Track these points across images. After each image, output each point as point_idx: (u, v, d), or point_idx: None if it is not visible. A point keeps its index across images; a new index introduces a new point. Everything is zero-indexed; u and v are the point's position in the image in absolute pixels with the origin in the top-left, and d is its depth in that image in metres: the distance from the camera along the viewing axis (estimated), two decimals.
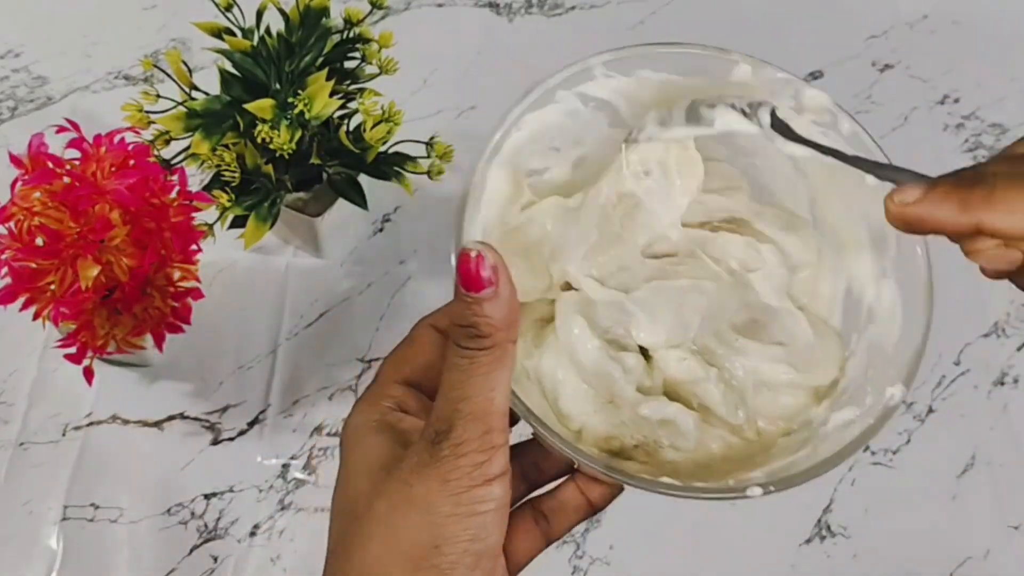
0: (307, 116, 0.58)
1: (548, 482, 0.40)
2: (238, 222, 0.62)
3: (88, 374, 0.62)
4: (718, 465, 0.40)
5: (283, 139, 0.58)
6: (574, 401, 0.40)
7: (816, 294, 0.44)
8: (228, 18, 0.62)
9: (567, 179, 0.45)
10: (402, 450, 0.33)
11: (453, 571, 0.30)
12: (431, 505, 0.30)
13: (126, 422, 0.69)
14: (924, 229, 0.35)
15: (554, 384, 0.40)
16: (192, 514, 0.66)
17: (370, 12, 0.63)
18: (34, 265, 0.57)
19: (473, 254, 0.31)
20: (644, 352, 0.42)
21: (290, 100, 0.58)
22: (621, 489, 0.39)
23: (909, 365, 0.38)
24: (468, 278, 0.31)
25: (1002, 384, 0.71)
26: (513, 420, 0.37)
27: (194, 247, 0.63)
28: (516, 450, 0.40)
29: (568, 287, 0.42)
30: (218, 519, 0.66)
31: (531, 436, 0.38)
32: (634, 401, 0.39)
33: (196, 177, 0.68)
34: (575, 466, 0.39)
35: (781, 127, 0.39)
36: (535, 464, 0.40)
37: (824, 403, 0.41)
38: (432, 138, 0.65)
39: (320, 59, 0.62)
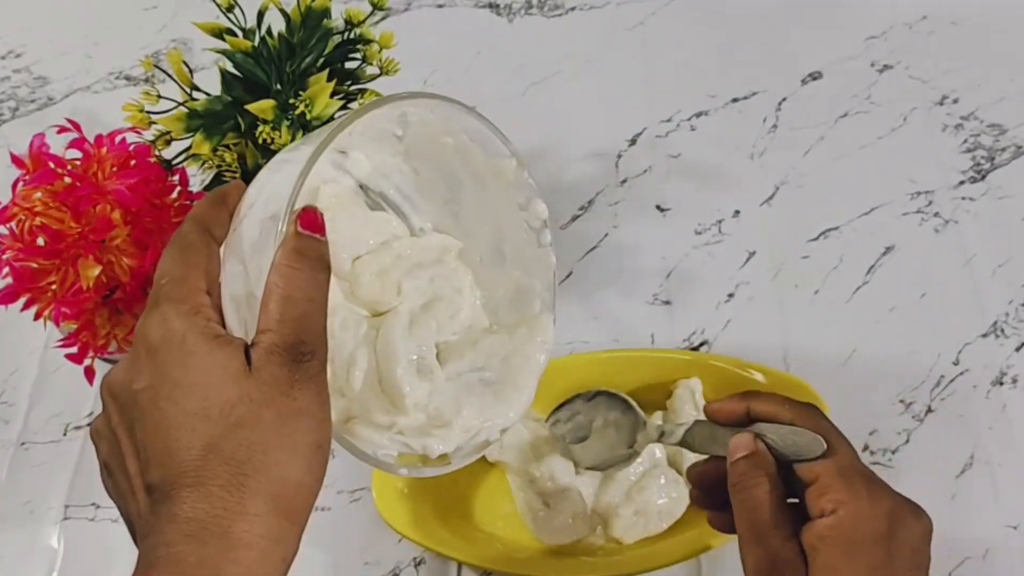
0: (308, 117, 0.58)
1: None
2: None
3: (89, 374, 0.62)
4: None
5: (284, 140, 0.58)
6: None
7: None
8: (229, 18, 0.62)
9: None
10: (244, 359, 0.37)
11: (328, 461, 0.38)
12: (313, 413, 0.37)
13: None
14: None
15: None
16: None
17: (371, 13, 0.63)
18: (35, 265, 0.58)
19: (320, 216, 0.40)
20: None
21: (291, 101, 0.59)
22: None
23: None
24: (316, 224, 0.40)
25: (1001, 384, 0.72)
26: None
27: None
28: None
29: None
30: None
31: None
32: None
33: (197, 177, 0.68)
34: None
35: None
36: None
37: None
38: None
39: (321, 60, 0.62)
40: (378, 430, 0.45)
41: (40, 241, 0.57)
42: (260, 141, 0.58)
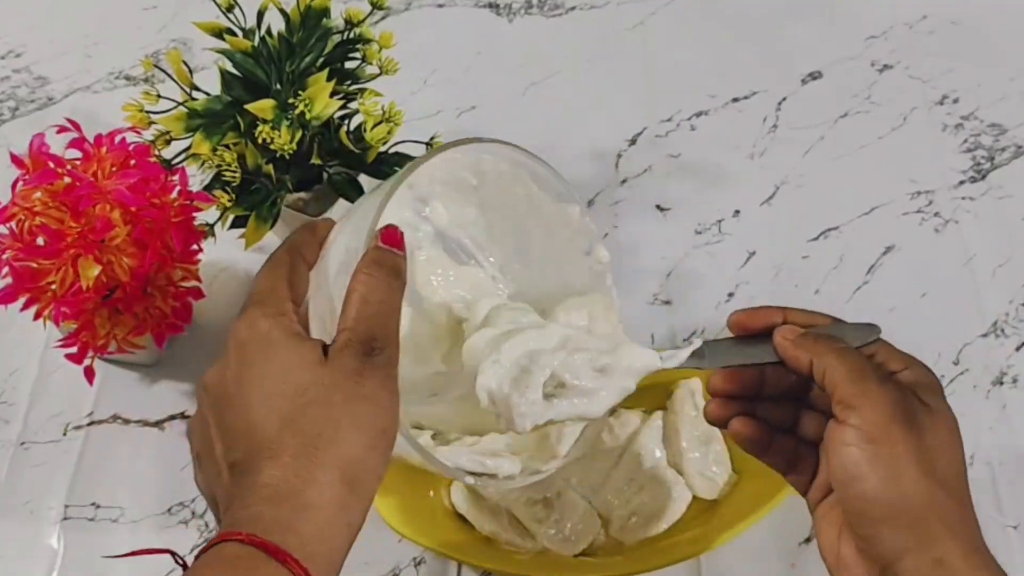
0: (308, 116, 0.58)
1: None
2: (239, 222, 0.62)
3: (89, 374, 0.62)
4: None
5: (284, 139, 0.58)
6: None
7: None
8: (229, 18, 0.62)
9: None
10: (321, 353, 0.42)
11: (392, 444, 0.42)
12: (378, 400, 0.41)
13: (127, 422, 0.69)
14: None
15: None
16: (193, 513, 0.66)
17: (370, 12, 0.63)
18: (35, 265, 0.58)
19: (400, 233, 0.44)
20: None
21: (291, 100, 0.59)
22: None
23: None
24: (395, 240, 0.44)
25: (1001, 384, 0.72)
26: None
27: (195, 247, 0.63)
28: None
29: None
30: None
31: None
32: None
33: (197, 177, 0.68)
34: None
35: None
36: None
37: None
38: (432, 138, 0.65)
39: (321, 59, 0.62)
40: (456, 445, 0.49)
41: (40, 241, 0.57)
42: (260, 141, 0.58)
